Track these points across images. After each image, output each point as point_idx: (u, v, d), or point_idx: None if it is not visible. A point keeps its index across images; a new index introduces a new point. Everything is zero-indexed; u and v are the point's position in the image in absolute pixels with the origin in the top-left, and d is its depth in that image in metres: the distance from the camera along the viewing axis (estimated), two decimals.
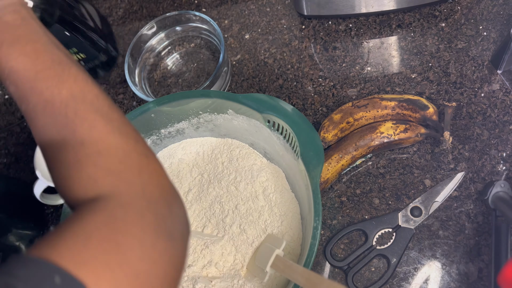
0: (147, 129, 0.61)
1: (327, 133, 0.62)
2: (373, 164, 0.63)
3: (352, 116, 0.62)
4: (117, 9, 0.86)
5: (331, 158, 0.61)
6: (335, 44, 0.72)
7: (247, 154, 0.62)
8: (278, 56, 0.73)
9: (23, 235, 0.67)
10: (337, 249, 0.60)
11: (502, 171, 0.59)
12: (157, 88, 0.76)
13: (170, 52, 0.78)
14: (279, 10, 0.77)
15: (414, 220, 0.58)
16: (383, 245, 0.58)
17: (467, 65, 0.66)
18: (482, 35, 0.68)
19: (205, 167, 0.63)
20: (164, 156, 0.65)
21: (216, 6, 0.80)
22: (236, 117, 0.58)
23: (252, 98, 0.55)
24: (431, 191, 0.60)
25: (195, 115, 0.61)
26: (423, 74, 0.67)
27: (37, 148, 0.66)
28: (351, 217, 0.61)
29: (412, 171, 0.62)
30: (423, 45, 0.69)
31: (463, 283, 0.55)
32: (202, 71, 0.75)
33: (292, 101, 0.70)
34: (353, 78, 0.69)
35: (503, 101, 0.63)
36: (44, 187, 0.66)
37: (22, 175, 0.76)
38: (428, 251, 0.57)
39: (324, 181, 0.60)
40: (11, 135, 0.80)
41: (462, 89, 0.65)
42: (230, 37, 0.77)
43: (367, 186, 0.62)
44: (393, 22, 0.72)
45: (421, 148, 0.63)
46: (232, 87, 0.73)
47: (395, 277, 0.57)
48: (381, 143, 0.61)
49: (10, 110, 0.82)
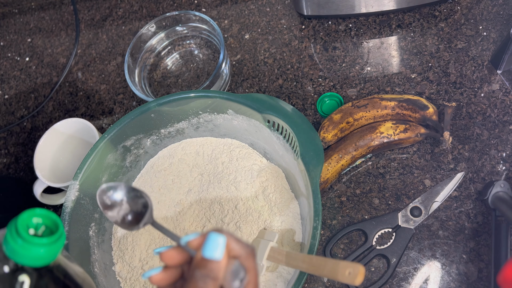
0: (147, 129, 0.61)
1: (327, 133, 0.62)
2: (373, 164, 0.63)
3: (352, 116, 0.62)
4: (117, 9, 0.86)
5: (331, 158, 0.61)
6: (335, 44, 0.72)
7: (247, 154, 0.62)
8: (278, 56, 0.73)
9: None
10: (337, 249, 0.60)
11: (502, 171, 0.59)
12: (157, 88, 0.76)
13: (170, 52, 0.78)
14: (279, 10, 0.77)
15: (414, 220, 0.58)
16: (383, 245, 0.58)
17: (467, 65, 0.66)
18: (482, 35, 0.68)
19: (205, 167, 0.63)
20: (164, 156, 0.65)
21: (216, 6, 0.80)
22: (236, 117, 0.58)
23: (252, 98, 0.55)
24: (431, 191, 0.60)
25: (195, 115, 0.61)
26: (423, 74, 0.67)
27: (37, 148, 0.66)
28: (351, 217, 0.61)
29: (412, 171, 0.62)
30: (423, 45, 0.69)
31: (463, 283, 0.55)
32: (202, 71, 0.75)
33: (292, 101, 0.70)
34: (353, 78, 0.69)
35: (503, 101, 0.63)
36: (44, 187, 0.66)
37: (22, 175, 0.76)
38: (428, 251, 0.57)
39: (324, 181, 0.60)
40: (11, 135, 0.80)
41: (462, 89, 0.65)
42: (230, 37, 0.77)
43: (367, 186, 0.62)
44: (393, 22, 0.72)
45: (421, 148, 0.63)
46: (232, 87, 0.73)
47: (395, 277, 0.57)
48: (381, 143, 0.61)
49: (10, 110, 0.82)
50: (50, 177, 0.66)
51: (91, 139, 0.69)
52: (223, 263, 0.32)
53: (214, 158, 0.63)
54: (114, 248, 0.61)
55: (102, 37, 0.83)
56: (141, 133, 0.61)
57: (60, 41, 0.86)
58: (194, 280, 0.32)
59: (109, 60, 0.81)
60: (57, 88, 0.80)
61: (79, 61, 0.82)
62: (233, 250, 0.33)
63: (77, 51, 0.83)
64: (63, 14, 0.89)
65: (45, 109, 0.80)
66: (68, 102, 0.79)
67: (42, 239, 0.28)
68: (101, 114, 0.77)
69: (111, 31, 0.84)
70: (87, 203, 0.57)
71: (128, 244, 0.60)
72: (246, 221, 0.57)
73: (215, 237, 0.32)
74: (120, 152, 0.61)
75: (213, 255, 0.32)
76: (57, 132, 0.68)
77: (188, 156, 0.64)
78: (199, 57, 0.77)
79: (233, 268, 0.32)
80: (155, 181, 0.63)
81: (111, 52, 0.82)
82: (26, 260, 0.28)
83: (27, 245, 0.27)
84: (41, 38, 0.87)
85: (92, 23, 0.85)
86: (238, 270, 0.32)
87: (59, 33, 0.87)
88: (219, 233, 0.32)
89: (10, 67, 0.86)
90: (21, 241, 0.27)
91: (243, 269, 0.32)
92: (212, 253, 0.32)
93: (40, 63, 0.85)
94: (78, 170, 0.57)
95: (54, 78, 0.83)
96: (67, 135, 0.69)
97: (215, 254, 0.32)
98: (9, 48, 0.88)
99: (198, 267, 0.32)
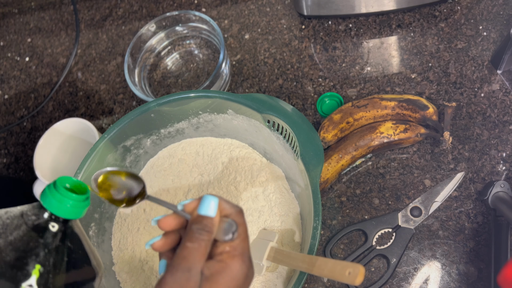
0: (147, 129, 0.61)
1: (327, 133, 0.62)
2: (373, 164, 0.63)
3: (352, 116, 0.62)
4: (117, 9, 0.86)
5: (331, 158, 0.61)
6: (335, 44, 0.72)
7: (247, 154, 0.62)
8: (278, 56, 0.73)
9: None
10: (337, 249, 0.60)
11: (502, 171, 0.59)
12: (157, 88, 0.76)
13: (170, 52, 0.78)
14: (279, 10, 0.77)
15: (414, 220, 0.58)
16: (383, 245, 0.58)
17: (467, 65, 0.66)
18: (482, 35, 0.68)
19: (205, 167, 0.63)
20: (164, 156, 0.65)
21: (216, 6, 0.80)
22: (236, 117, 0.58)
23: (252, 98, 0.55)
24: (431, 191, 0.60)
25: (195, 115, 0.61)
26: (423, 74, 0.67)
27: (37, 148, 0.66)
28: (351, 217, 0.61)
29: (412, 171, 0.62)
30: (423, 45, 0.69)
31: (463, 283, 0.55)
32: (202, 71, 0.75)
33: (292, 101, 0.70)
34: (353, 78, 0.69)
35: (503, 101, 0.63)
36: (44, 187, 0.66)
37: (22, 175, 0.76)
38: (428, 251, 0.57)
39: (324, 181, 0.60)
40: (11, 135, 0.80)
41: (462, 89, 0.65)
42: (230, 37, 0.77)
43: (367, 186, 0.62)
44: (393, 22, 0.72)
45: (421, 148, 0.63)
46: (232, 87, 0.73)
47: (395, 277, 0.57)
48: (381, 143, 0.61)
49: (10, 110, 0.82)
50: (50, 177, 0.66)
51: (91, 139, 0.69)
52: (216, 219, 0.37)
53: (214, 158, 0.63)
54: (114, 248, 0.61)
55: (102, 37, 0.83)
56: (141, 133, 0.61)
57: (60, 41, 0.86)
58: (191, 232, 0.36)
59: (109, 60, 0.81)
60: (57, 88, 0.80)
61: (79, 61, 0.82)
62: (224, 210, 0.38)
63: (77, 51, 0.83)
64: (63, 14, 0.89)
65: (45, 109, 0.80)
66: (68, 102, 0.79)
67: (73, 195, 0.35)
68: (101, 114, 0.77)
69: (111, 31, 0.84)
70: None
71: (128, 244, 0.60)
72: (246, 221, 0.57)
73: (209, 198, 0.38)
74: (120, 152, 0.61)
75: (208, 212, 0.37)
76: (57, 132, 0.68)
77: (188, 156, 0.64)
78: (199, 57, 0.77)
79: (225, 225, 0.37)
80: (155, 181, 0.63)
81: (111, 52, 0.82)
82: (59, 211, 0.34)
83: (62, 198, 0.34)
84: (41, 38, 0.87)
85: (92, 23, 0.85)
86: (231, 225, 0.37)
87: (59, 33, 0.87)
88: (212, 195, 0.38)
89: (10, 67, 0.86)
90: (58, 195, 0.34)
91: (235, 223, 0.38)
92: (207, 210, 0.37)
93: (40, 63, 0.85)
94: (78, 170, 0.57)
95: (54, 78, 0.83)
96: (67, 135, 0.69)
97: (209, 212, 0.37)
98: (9, 48, 0.88)
99: (194, 222, 0.37)
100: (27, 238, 0.33)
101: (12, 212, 0.34)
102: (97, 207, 0.59)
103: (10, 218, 0.33)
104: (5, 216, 0.33)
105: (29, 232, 0.33)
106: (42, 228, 0.34)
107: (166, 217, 0.38)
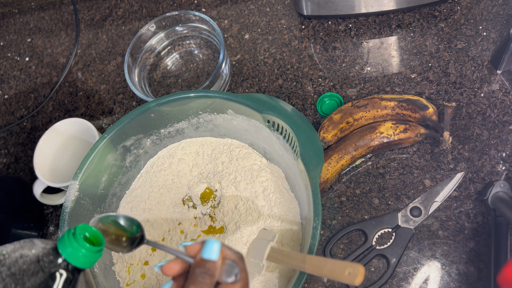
0: (146, 129, 0.61)
1: (327, 133, 0.62)
2: (372, 164, 0.63)
3: (351, 116, 0.62)
4: (117, 9, 0.86)
5: (330, 158, 0.61)
6: (334, 44, 0.72)
7: (247, 154, 0.62)
8: (278, 56, 0.73)
9: (22, 235, 0.67)
10: (337, 249, 0.60)
11: (501, 171, 0.59)
12: (157, 88, 0.76)
13: (170, 52, 0.78)
14: (279, 10, 0.77)
15: (413, 220, 0.58)
16: (383, 245, 0.58)
17: (467, 65, 0.66)
18: (481, 35, 0.68)
19: (205, 167, 0.63)
20: (164, 156, 0.65)
21: (216, 6, 0.80)
22: (236, 117, 0.58)
23: (252, 98, 0.55)
24: (430, 191, 0.60)
25: (195, 115, 0.61)
26: (422, 74, 0.67)
27: (36, 148, 0.67)
28: (350, 217, 0.61)
29: (411, 171, 0.62)
30: (422, 45, 0.69)
31: (463, 283, 0.55)
32: (202, 71, 0.75)
33: (292, 101, 0.70)
34: (352, 78, 0.69)
35: (502, 101, 0.63)
36: (43, 187, 0.66)
37: (22, 175, 0.76)
38: (427, 251, 0.57)
39: (323, 181, 0.60)
40: (11, 135, 0.80)
41: (461, 89, 0.65)
42: (229, 37, 0.77)
43: (366, 186, 0.62)
44: (392, 22, 0.72)
45: (420, 148, 0.63)
46: (232, 87, 0.73)
47: (395, 277, 0.57)
48: (380, 143, 0.61)
49: (10, 110, 0.82)
50: (50, 177, 0.66)
51: (91, 139, 0.69)
52: (219, 263, 0.38)
53: (214, 158, 0.63)
54: None
55: (102, 37, 0.84)
56: (141, 133, 0.61)
57: (60, 41, 0.86)
58: (194, 276, 0.37)
59: (109, 60, 0.81)
60: (57, 88, 0.80)
61: (79, 61, 0.82)
62: (227, 255, 0.39)
63: (77, 51, 0.83)
64: (63, 14, 0.89)
65: (45, 109, 0.80)
66: (68, 102, 0.79)
67: (90, 246, 0.35)
68: (101, 114, 0.77)
69: (111, 31, 0.84)
70: (87, 203, 0.57)
71: None
72: (246, 221, 0.57)
73: (212, 242, 0.38)
74: (120, 152, 0.61)
75: (211, 256, 0.38)
76: (57, 132, 0.68)
77: (188, 156, 0.64)
78: (199, 57, 0.77)
79: (227, 267, 0.38)
80: (155, 181, 0.63)
81: (111, 52, 0.82)
82: (74, 259, 0.35)
83: (79, 247, 0.34)
84: (41, 38, 0.87)
85: (92, 23, 0.85)
86: (233, 267, 0.38)
87: (59, 33, 0.87)
88: (215, 240, 0.39)
89: (10, 67, 0.86)
90: (75, 243, 0.34)
91: (237, 266, 0.38)
92: (210, 254, 0.38)
93: (40, 63, 0.85)
94: (78, 170, 0.57)
95: (54, 78, 0.83)
96: (67, 135, 0.69)
97: (212, 256, 0.38)
98: (9, 48, 0.88)
99: (197, 266, 0.37)
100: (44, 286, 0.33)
101: (28, 257, 0.34)
102: (97, 207, 0.59)
103: (26, 263, 0.33)
104: (21, 261, 0.33)
105: (46, 280, 0.33)
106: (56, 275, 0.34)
107: (169, 263, 0.39)
